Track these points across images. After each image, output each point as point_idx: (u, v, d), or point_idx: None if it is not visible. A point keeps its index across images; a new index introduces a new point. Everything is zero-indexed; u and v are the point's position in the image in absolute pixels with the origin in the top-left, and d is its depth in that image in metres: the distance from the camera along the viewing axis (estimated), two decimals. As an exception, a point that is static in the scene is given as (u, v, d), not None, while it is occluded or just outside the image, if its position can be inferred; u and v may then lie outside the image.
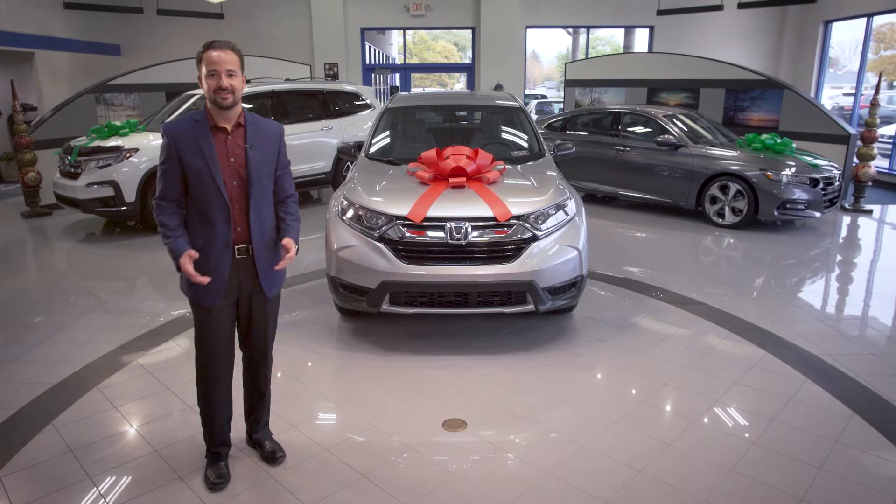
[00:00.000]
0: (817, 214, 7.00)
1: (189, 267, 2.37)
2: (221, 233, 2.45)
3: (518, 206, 3.89)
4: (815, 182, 6.89)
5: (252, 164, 2.47)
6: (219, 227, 2.44)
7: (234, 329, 2.65)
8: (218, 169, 2.41)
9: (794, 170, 6.87)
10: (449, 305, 3.89)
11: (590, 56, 14.88)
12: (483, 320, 4.43)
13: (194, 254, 2.39)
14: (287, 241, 2.53)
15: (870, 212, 8.20)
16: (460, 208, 3.85)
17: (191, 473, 2.75)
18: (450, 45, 28.77)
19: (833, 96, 13.98)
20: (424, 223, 3.79)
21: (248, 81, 2.59)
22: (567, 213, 4.07)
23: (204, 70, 2.38)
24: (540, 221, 3.91)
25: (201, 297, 2.50)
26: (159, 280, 5.68)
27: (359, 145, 5.19)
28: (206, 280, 2.40)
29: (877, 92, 8.17)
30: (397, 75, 15.77)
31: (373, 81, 14.21)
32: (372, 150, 5.05)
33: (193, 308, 2.57)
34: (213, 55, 2.36)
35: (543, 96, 21.12)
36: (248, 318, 2.65)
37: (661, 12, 11.66)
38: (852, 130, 8.51)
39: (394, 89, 15.15)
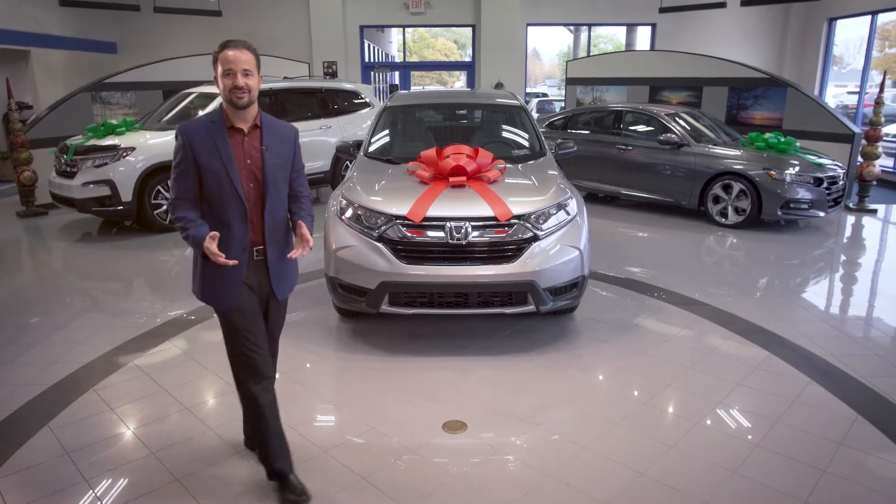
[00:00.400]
0: (821, 214, 6.96)
1: (213, 246, 2.29)
2: (238, 235, 2.40)
3: (519, 205, 3.86)
4: (818, 181, 6.85)
5: (268, 167, 2.43)
6: (235, 229, 2.40)
7: (263, 327, 2.57)
8: (235, 170, 2.37)
9: (797, 169, 6.83)
10: (449, 306, 3.85)
11: (591, 54, 14.86)
12: (483, 321, 4.40)
13: (216, 234, 2.32)
14: (300, 223, 2.48)
15: (874, 211, 8.15)
16: (460, 208, 3.82)
17: (188, 476, 2.72)
18: (450, 43, 28.76)
19: (837, 95, 13.92)
20: (424, 223, 3.76)
21: None
22: (568, 213, 4.03)
23: (220, 69, 2.35)
24: (541, 221, 3.88)
25: (214, 300, 2.46)
26: (156, 280, 5.66)
27: (358, 144, 5.16)
28: (233, 262, 2.33)
29: (881, 90, 8.13)
30: (397, 73, 15.74)
31: (372, 80, 14.17)
32: (371, 148, 5.01)
33: (219, 315, 2.50)
34: (229, 54, 2.33)
35: (544, 94, 21.09)
36: (264, 318, 2.62)
37: (663, 10, 11.61)
38: (856, 129, 8.46)
39: (393, 87, 15.11)
